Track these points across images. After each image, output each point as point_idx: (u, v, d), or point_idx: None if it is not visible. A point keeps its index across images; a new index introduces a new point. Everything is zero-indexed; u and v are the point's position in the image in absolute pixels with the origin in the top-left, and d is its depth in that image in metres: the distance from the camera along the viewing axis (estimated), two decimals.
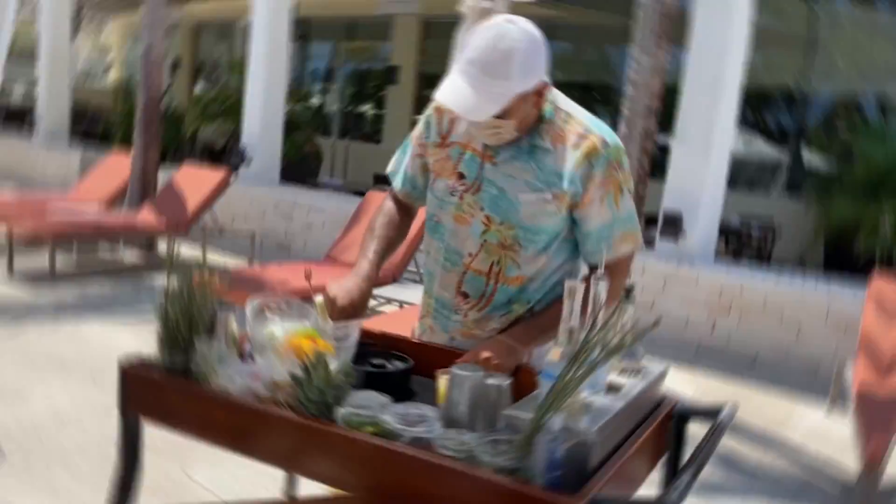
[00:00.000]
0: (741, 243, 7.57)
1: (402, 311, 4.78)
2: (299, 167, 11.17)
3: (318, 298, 1.74)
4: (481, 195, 1.72)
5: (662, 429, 1.61)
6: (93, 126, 13.68)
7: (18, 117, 14.15)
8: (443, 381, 1.50)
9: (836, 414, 4.48)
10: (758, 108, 11.37)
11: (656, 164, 7.73)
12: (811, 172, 10.47)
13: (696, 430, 1.60)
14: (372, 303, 5.25)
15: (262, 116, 8.13)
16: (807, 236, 8.20)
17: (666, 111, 6.14)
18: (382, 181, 9.79)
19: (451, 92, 1.57)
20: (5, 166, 10.72)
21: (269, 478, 2.88)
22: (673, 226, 5.70)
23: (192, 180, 6.97)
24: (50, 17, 10.12)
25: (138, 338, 4.53)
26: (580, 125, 1.68)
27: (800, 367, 5.25)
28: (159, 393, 1.49)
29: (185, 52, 18.62)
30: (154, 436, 1.57)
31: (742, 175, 11.21)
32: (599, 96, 12.31)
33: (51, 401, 3.52)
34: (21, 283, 5.55)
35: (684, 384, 4.75)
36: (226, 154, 10.96)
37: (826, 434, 4.15)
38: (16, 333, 4.41)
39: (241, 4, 14.53)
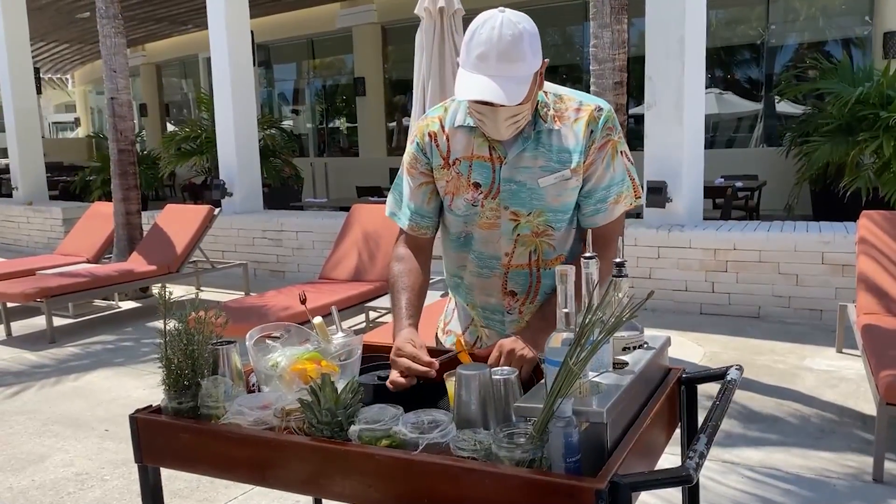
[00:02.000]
0: (728, 201, 7.60)
1: None
2: (281, 191, 11.17)
3: (317, 320, 1.75)
4: (501, 196, 1.75)
5: (673, 397, 1.62)
6: (70, 178, 13.64)
7: None
8: (451, 384, 1.51)
9: (846, 354, 4.51)
10: (726, 66, 11.41)
11: (635, 135, 7.75)
12: (786, 121, 10.53)
13: (711, 392, 1.61)
14: (372, 314, 5.26)
15: (236, 147, 8.12)
16: (791, 185, 8.24)
17: (637, 83, 6.17)
18: (366, 193, 9.72)
19: (477, 88, 1.57)
20: None
21: None
22: (658, 194, 5.72)
23: (177, 220, 6.96)
24: (12, 77, 10.07)
25: (146, 384, 4.52)
26: (573, 101, 1.75)
27: (803, 313, 5.28)
28: (172, 438, 1.49)
29: (151, 93, 18.57)
30: (177, 479, 1.57)
31: (719, 134, 11.26)
32: (567, 76, 12.34)
33: (68, 458, 3.51)
34: (21, 346, 5.53)
35: (693, 348, 4.77)
36: (207, 189, 10.94)
37: (839, 375, 4.18)
38: (23, 396, 4.40)
39: (198, 37, 14.49)
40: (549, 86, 1.76)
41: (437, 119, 1.83)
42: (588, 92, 4.28)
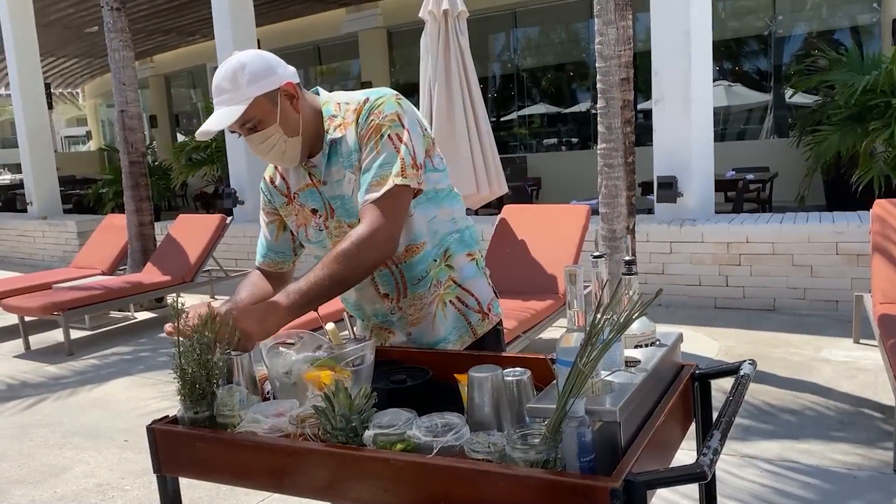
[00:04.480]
0: (739, 194, 7.56)
1: None
2: None
3: (330, 326, 1.76)
4: (337, 213, 1.82)
5: (687, 393, 1.62)
6: (83, 191, 13.76)
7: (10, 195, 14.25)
8: (464, 386, 1.51)
9: (863, 345, 4.48)
10: (734, 57, 11.36)
11: (643, 131, 7.72)
12: (796, 111, 10.45)
13: (727, 387, 1.61)
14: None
15: (246, 156, 8.16)
16: (803, 176, 8.18)
17: (645, 77, 6.15)
18: None
19: (208, 121, 1.71)
20: (6, 246, 10.80)
21: None
22: (669, 189, 5.70)
23: (190, 230, 7.00)
24: (24, 93, 10.18)
25: (164, 394, 4.56)
26: (355, 103, 1.78)
27: (819, 305, 5.25)
28: (189, 447, 1.50)
29: (161, 104, 18.70)
30: (197, 487, 1.58)
31: (729, 126, 11.20)
32: (574, 74, 12.32)
33: (89, 470, 3.54)
34: (40, 359, 5.59)
35: (708, 342, 4.76)
36: (218, 198, 11.00)
37: (856, 366, 4.15)
38: (43, 409, 4.44)
39: (206, 47, 14.55)
40: (341, 96, 1.82)
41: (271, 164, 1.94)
42: (595, 89, 4.29)
